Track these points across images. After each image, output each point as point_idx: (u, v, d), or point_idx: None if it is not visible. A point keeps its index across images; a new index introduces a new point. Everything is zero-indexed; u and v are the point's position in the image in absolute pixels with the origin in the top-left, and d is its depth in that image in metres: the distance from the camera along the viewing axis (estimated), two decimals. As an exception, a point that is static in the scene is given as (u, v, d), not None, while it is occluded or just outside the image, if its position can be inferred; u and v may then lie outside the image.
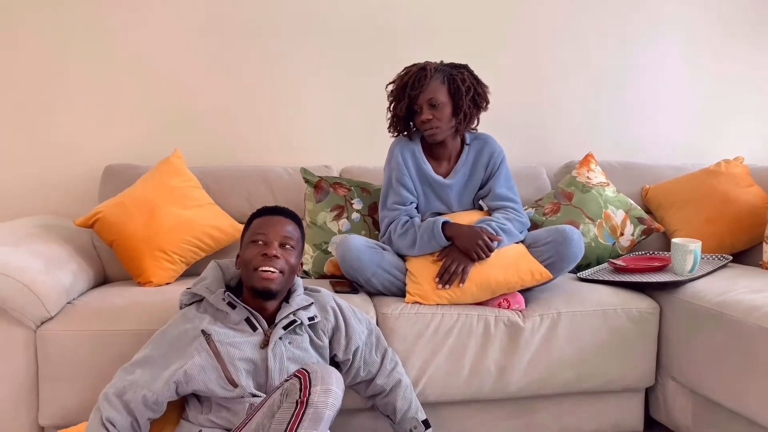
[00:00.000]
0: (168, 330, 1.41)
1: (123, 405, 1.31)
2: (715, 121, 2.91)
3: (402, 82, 1.90)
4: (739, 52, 2.89)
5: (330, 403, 1.17)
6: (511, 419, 1.84)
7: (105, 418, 1.28)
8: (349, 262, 1.81)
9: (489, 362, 1.75)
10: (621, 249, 2.25)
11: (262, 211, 1.52)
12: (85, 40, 2.33)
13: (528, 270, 1.79)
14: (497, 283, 1.78)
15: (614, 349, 1.83)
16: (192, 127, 2.43)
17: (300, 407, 1.15)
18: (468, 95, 1.87)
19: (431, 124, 1.87)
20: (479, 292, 1.78)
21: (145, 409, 1.32)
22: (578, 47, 2.74)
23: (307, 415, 1.14)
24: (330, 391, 1.17)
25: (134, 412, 1.31)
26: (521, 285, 1.80)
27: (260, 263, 1.41)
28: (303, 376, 1.19)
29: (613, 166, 2.55)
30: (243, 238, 1.51)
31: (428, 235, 1.82)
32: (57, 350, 1.56)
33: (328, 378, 1.18)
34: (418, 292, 1.77)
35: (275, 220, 1.48)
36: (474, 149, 2.00)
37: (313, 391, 1.16)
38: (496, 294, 1.81)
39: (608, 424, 1.91)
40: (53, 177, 2.36)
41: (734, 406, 1.63)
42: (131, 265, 1.95)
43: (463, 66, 1.93)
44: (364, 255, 1.81)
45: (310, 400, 1.15)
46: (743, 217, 2.23)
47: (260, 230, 1.45)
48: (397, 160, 1.95)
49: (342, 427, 1.69)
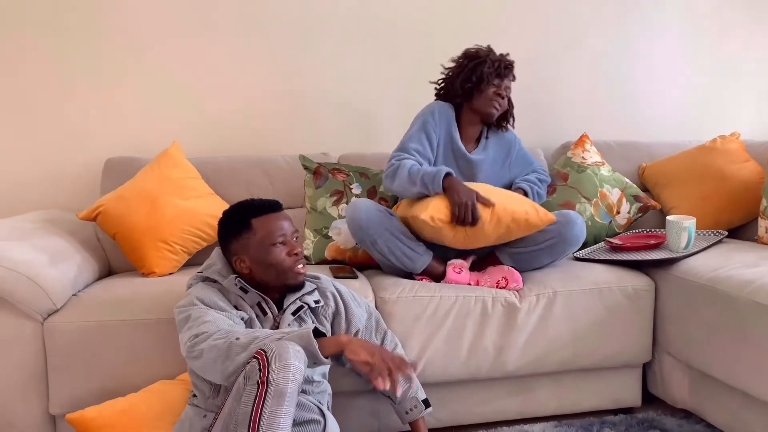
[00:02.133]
0: (199, 297, 1.42)
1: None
2: (713, 97, 2.91)
3: (492, 59, 2.00)
4: (736, 28, 2.88)
5: (291, 377, 1.17)
6: (509, 397, 1.88)
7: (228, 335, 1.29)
8: (357, 222, 1.82)
9: (487, 342, 1.79)
10: (618, 227, 2.27)
11: (261, 209, 1.50)
12: (85, 35, 2.34)
13: (533, 207, 1.83)
14: (504, 210, 1.79)
15: (610, 327, 1.86)
16: (191, 118, 2.45)
17: (261, 387, 1.16)
18: (511, 107, 2.14)
19: (502, 103, 2.03)
20: (484, 214, 1.79)
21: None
22: (575, 27, 2.73)
23: (269, 393, 1.15)
24: (288, 366, 1.17)
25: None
26: (526, 219, 1.80)
27: (294, 263, 1.48)
28: (260, 356, 1.19)
29: (610, 146, 2.56)
30: (246, 240, 1.47)
31: (429, 178, 1.85)
32: (64, 341, 1.60)
33: (285, 353, 1.18)
34: (423, 210, 1.78)
35: (280, 217, 1.51)
36: (496, 138, 2.15)
37: (271, 369, 1.16)
38: (502, 223, 1.79)
39: (606, 399, 1.95)
40: (56, 171, 2.39)
41: (728, 379, 1.66)
42: (134, 256, 1.99)
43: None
44: (373, 215, 1.82)
45: (270, 379, 1.16)
46: (739, 192, 2.24)
47: (278, 231, 1.47)
48: (435, 115, 2.02)
49: (344, 409, 1.73)
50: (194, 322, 1.34)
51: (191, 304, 1.40)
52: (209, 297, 1.42)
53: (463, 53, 2.06)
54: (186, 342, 1.32)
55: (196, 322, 1.34)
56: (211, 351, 1.26)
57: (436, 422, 1.83)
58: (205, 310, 1.37)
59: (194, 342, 1.30)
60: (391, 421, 1.75)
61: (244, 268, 1.48)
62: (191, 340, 1.31)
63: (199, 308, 1.38)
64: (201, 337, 1.29)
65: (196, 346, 1.28)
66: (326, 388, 1.53)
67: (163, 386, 1.58)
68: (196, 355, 1.28)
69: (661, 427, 1.82)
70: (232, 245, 1.50)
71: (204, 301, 1.41)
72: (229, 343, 1.25)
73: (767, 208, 2.03)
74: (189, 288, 1.51)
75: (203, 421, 1.39)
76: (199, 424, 1.39)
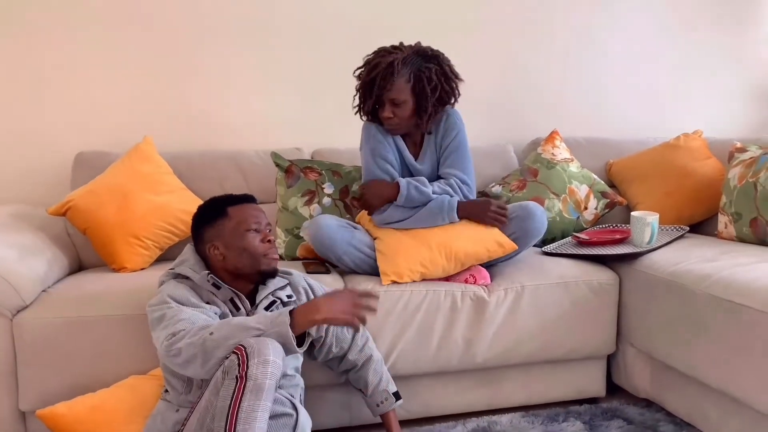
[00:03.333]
0: (172, 295, 1.43)
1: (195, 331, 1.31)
2: (680, 94, 2.99)
3: (369, 77, 1.88)
4: (702, 26, 2.96)
5: (269, 372, 1.19)
6: (479, 388, 1.93)
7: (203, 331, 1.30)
8: (320, 240, 1.86)
9: (456, 336, 1.83)
10: (585, 223, 2.33)
11: (237, 199, 1.55)
12: (55, 29, 2.31)
13: (494, 241, 1.86)
14: (466, 254, 1.84)
15: (576, 319, 1.91)
16: (162, 113, 2.44)
17: (240, 382, 1.19)
18: (433, 95, 1.87)
19: (390, 122, 1.91)
20: (449, 265, 1.85)
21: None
22: (545, 24, 2.78)
23: (247, 388, 1.18)
24: (267, 362, 1.20)
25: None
26: (488, 256, 1.87)
27: (267, 249, 1.51)
28: (240, 351, 1.22)
29: (579, 142, 2.62)
30: (221, 226, 1.50)
31: (438, 208, 1.85)
32: (33, 337, 1.59)
33: (265, 349, 1.21)
34: (393, 270, 1.82)
35: (255, 208, 1.55)
36: (435, 127, 1.98)
37: (250, 364, 1.19)
38: (465, 266, 1.87)
39: (573, 390, 2.00)
40: (24, 165, 2.36)
41: (686, 369, 1.73)
42: (105, 251, 1.98)
43: (434, 57, 1.89)
44: (336, 233, 1.85)
45: (249, 374, 1.18)
46: (701, 189, 2.32)
47: (252, 219, 1.51)
48: (377, 137, 1.95)
49: (316, 402, 1.75)
50: (170, 321, 1.35)
51: (164, 302, 1.41)
52: (182, 294, 1.43)
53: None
54: (163, 341, 1.33)
55: (171, 320, 1.35)
56: (189, 348, 1.27)
57: (407, 414, 1.87)
58: (180, 308, 1.38)
59: (171, 341, 1.31)
60: (362, 413, 1.79)
61: (218, 255, 1.50)
62: (168, 339, 1.32)
63: (173, 307, 1.39)
64: (178, 336, 1.31)
65: (174, 345, 1.30)
66: (299, 382, 1.55)
67: (135, 381, 1.58)
68: (175, 353, 1.30)
69: (623, 416, 1.89)
70: (207, 233, 1.52)
71: (176, 298, 1.42)
72: (203, 339, 1.27)
73: (726, 204, 2.10)
74: (161, 285, 1.51)
75: (176, 416, 1.40)
76: (172, 419, 1.40)
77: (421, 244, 1.84)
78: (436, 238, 1.85)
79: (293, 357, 1.53)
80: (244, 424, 1.16)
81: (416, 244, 1.85)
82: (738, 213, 2.05)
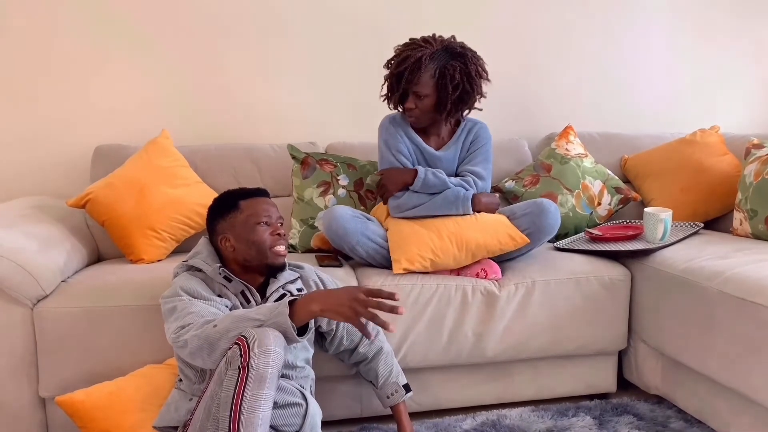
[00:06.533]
0: (183, 288, 1.46)
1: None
2: (697, 90, 2.95)
3: (398, 69, 1.92)
4: (720, 21, 2.92)
5: (271, 362, 1.21)
6: (489, 382, 1.94)
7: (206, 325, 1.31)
8: (334, 230, 1.88)
9: (467, 329, 1.84)
10: (598, 218, 2.32)
11: (249, 193, 1.58)
12: (74, 22, 2.35)
13: (507, 234, 1.87)
14: (477, 245, 1.85)
15: (587, 315, 1.92)
16: (180, 107, 2.47)
17: (242, 372, 1.21)
18: (454, 94, 1.90)
19: (412, 113, 1.95)
20: (460, 255, 1.86)
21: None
22: (561, 19, 2.76)
23: (250, 378, 1.20)
24: (268, 351, 1.22)
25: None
26: (500, 248, 1.88)
27: (275, 242, 1.53)
28: (241, 342, 1.24)
29: (594, 137, 2.61)
30: (233, 218, 1.54)
31: (454, 197, 1.89)
32: (53, 326, 1.64)
33: (266, 339, 1.23)
34: (405, 256, 1.84)
35: (267, 202, 1.58)
36: (466, 131, 2.05)
37: (252, 354, 1.21)
38: (476, 257, 1.88)
39: (583, 385, 2.01)
40: (46, 158, 2.41)
41: (698, 366, 1.72)
42: (123, 243, 2.02)
43: (461, 56, 1.91)
44: (349, 224, 1.87)
45: (251, 364, 1.20)
46: (716, 185, 2.30)
47: (263, 212, 1.54)
48: (390, 131, 2.01)
49: (327, 393, 1.78)
50: (180, 313, 1.39)
51: (176, 295, 1.44)
52: (193, 287, 1.46)
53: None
54: (172, 333, 1.37)
55: (181, 313, 1.38)
56: (194, 340, 1.31)
57: (417, 406, 1.89)
58: (191, 302, 1.41)
59: (179, 333, 1.35)
60: (373, 405, 1.81)
61: (229, 247, 1.53)
62: (176, 332, 1.35)
63: (184, 299, 1.42)
64: (186, 329, 1.34)
65: (181, 337, 1.33)
66: (309, 374, 1.58)
67: (151, 370, 1.62)
68: (182, 345, 1.33)
69: (634, 412, 1.89)
70: (219, 225, 1.56)
71: (188, 291, 1.45)
72: (207, 331, 1.30)
73: (741, 200, 2.08)
74: (175, 276, 1.55)
75: (189, 404, 1.43)
76: (185, 407, 1.43)
77: (433, 233, 1.86)
78: (448, 228, 1.87)
79: (304, 349, 1.55)
80: (248, 413, 1.19)
81: (428, 233, 1.87)
82: (753, 210, 2.03)
